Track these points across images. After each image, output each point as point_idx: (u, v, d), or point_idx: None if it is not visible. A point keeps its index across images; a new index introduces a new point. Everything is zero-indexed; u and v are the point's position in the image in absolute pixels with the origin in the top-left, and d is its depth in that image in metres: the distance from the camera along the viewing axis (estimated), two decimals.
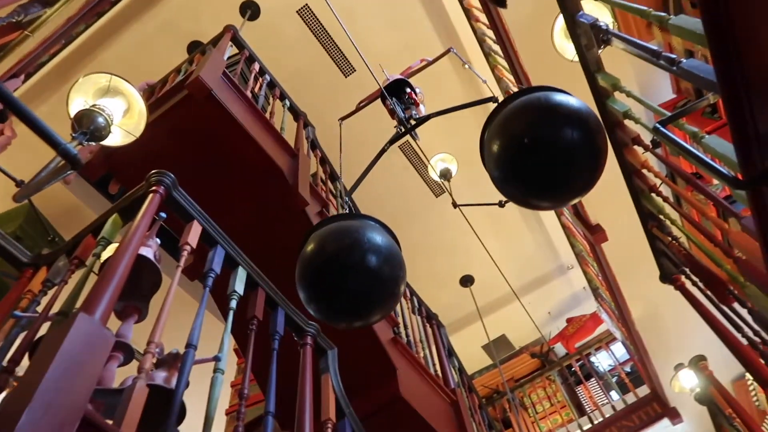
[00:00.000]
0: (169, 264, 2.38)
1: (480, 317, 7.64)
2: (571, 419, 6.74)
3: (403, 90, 3.50)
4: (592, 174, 1.48)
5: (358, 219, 1.62)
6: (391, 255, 1.56)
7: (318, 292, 1.56)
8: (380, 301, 1.58)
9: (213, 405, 1.44)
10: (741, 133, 1.26)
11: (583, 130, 1.40)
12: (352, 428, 2.04)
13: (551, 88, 1.53)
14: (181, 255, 1.73)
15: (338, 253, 1.51)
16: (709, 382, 3.11)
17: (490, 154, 1.52)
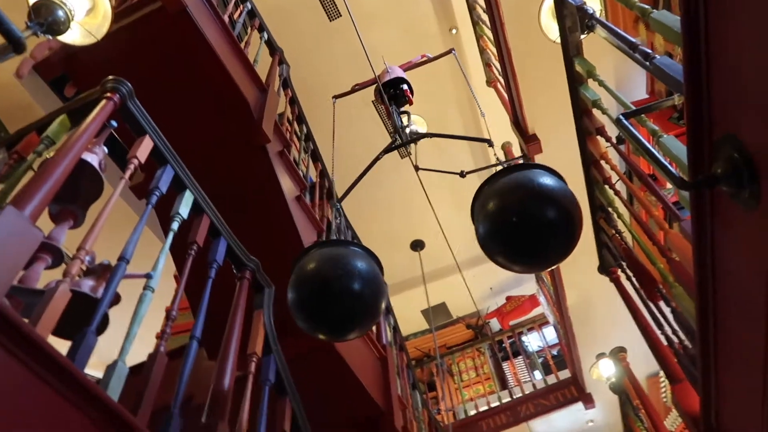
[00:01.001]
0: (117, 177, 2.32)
1: (424, 283, 7.77)
2: (493, 391, 7.01)
3: (401, 87, 3.52)
4: (566, 249, 1.69)
5: (352, 248, 1.87)
6: (376, 284, 1.82)
7: (311, 311, 1.79)
8: (362, 321, 1.82)
9: (137, 320, 1.43)
10: (696, 136, 1.29)
11: (565, 214, 1.62)
12: (277, 365, 2.06)
13: (542, 166, 1.76)
14: (127, 168, 1.68)
15: (333, 281, 1.76)
16: (625, 373, 3.26)
17: (481, 217, 1.72)
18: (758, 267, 1.18)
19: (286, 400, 2.05)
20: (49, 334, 1.13)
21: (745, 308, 1.35)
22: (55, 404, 1.09)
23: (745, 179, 1.11)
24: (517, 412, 6.20)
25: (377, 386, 3.40)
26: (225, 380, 1.63)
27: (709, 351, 1.63)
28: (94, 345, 1.24)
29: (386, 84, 3.52)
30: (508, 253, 1.73)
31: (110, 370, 1.27)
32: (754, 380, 1.38)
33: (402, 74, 3.62)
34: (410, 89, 3.58)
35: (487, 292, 8.65)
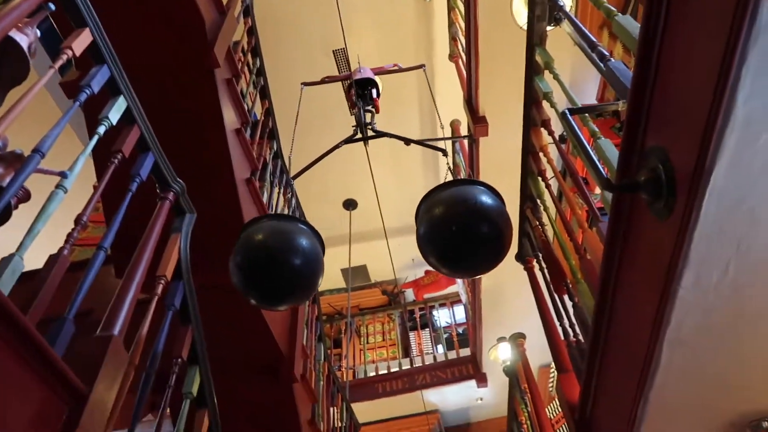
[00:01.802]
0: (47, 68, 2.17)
1: (350, 242, 7.80)
2: (395, 357, 7.21)
3: (369, 89, 3.70)
4: (493, 264, 1.92)
5: (300, 225, 2.02)
6: (316, 263, 1.97)
7: (250, 277, 1.92)
8: (297, 296, 2.02)
9: (43, 218, 1.36)
10: (629, 142, 1.34)
11: (498, 233, 1.84)
12: (185, 293, 2.03)
13: (487, 185, 1.96)
14: (59, 57, 1.57)
15: (277, 254, 1.89)
16: (520, 358, 3.43)
17: (424, 220, 1.91)
18: (655, 276, 1.25)
19: (188, 328, 2.02)
20: None
21: (636, 315, 1.45)
22: None
23: (664, 191, 1.17)
24: (414, 380, 6.42)
25: (284, 332, 3.41)
26: (128, 296, 1.59)
27: (598, 347, 1.73)
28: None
29: (356, 82, 3.72)
30: (441, 257, 1.91)
31: (5, 262, 1.21)
32: (630, 383, 1.48)
33: (372, 76, 3.79)
34: (378, 95, 3.79)
35: (408, 262, 8.81)
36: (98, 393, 1.30)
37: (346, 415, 4.56)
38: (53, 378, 1.21)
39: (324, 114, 7.03)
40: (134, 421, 1.54)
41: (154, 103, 2.27)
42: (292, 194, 4.29)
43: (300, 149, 6.25)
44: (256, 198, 3.45)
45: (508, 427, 3.84)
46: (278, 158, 4.22)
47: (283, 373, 3.28)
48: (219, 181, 3.14)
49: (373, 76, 3.80)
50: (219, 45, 3.18)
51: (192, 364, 2.03)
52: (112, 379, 1.38)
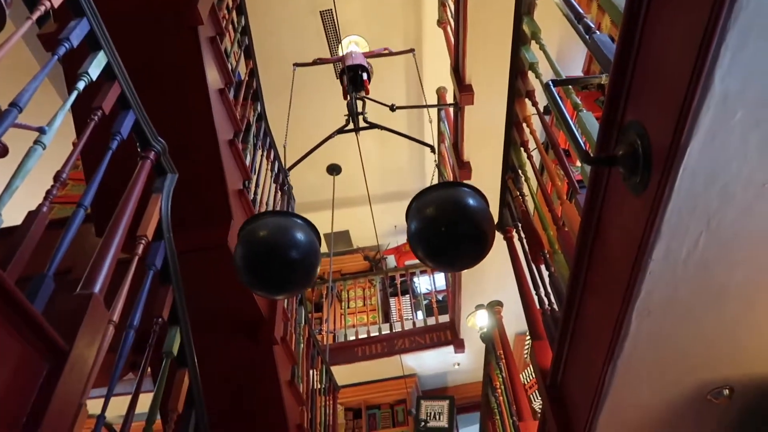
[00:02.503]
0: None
1: (332, 207, 7.81)
2: (375, 322, 7.31)
3: (360, 74, 3.77)
4: (475, 262, 2.11)
5: (298, 220, 2.15)
6: (313, 255, 2.12)
7: (256, 272, 2.08)
8: (296, 287, 2.19)
9: (21, 174, 1.34)
10: (609, 116, 1.35)
11: (482, 235, 2.02)
12: (166, 253, 2.03)
13: (475, 188, 2.10)
14: (36, 8, 1.54)
15: (279, 249, 2.06)
16: (496, 325, 3.50)
17: (416, 218, 2.07)
18: (628, 249, 1.29)
19: (169, 288, 2.03)
20: None
21: (609, 286, 1.48)
22: None
23: (640, 166, 1.19)
24: (393, 344, 6.53)
25: None
26: (108, 255, 1.59)
27: (571, 316, 1.78)
28: None
29: (348, 67, 3.78)
30: (428, 252, 2.08)
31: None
32: (599, 351, 1.53)
33: (363, 62, 3.85)
34: (369, 78, 3.86)
35: (391, 229, 8.85)
36: (78, 350, 1.32)
37: (325, 377, 4.64)
38: (33, 335, 1.21)
39: (312, 81, 6.94)
40: (113, 379, 1.56)
41: (135, 61, 2.23)
42: (276, 157, 4.27)
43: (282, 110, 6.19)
44: (239, 160, 3.43)
45: (483, 391, 3.94)
46: (261, 120, 4.18)
47: (263, 335, 3.32)
48: (201, 142, 3.11)
49: (364, 62, 3.86)
50: (202, 1, 3.11)
51: (172, 324, 2.05)
52: (92, 337, 1.39)
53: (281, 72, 6.58)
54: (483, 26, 3.93)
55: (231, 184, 3.22)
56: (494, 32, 3.85)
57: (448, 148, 5.39)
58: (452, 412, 6.28)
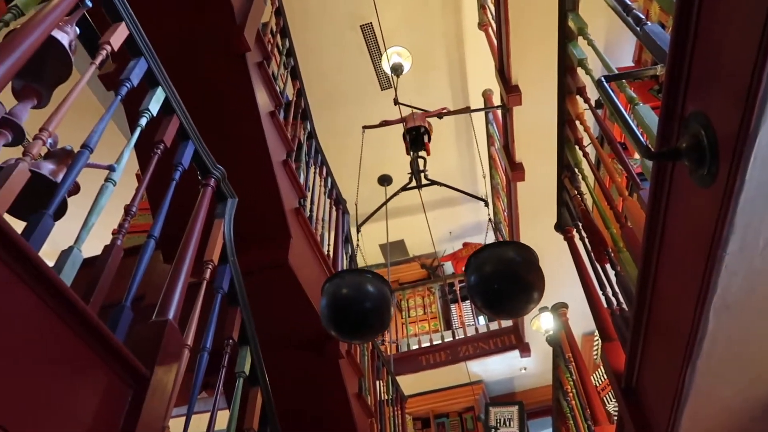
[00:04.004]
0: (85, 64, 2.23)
1: (386, 218, 7.83)
2: (437, 330, 7.27)
3: (421, 135, 4.25)
4: (525, 311, 2.48)
5: (370, 275, 2.57)
6: (385, 305, 2.51)
7: (341, 323, 2.51)
8: (373, 332, 2.59)
9: (96, 210, 1.42)
10: (669, 108, 1.31)
11: (531, 288, 2.36)
12: (232, 275, 2.09)
13: (528, 248, 2.44)
14: (98, 53, 1.62)
15: (354, 300, 2.47)
16: (563, 327, 3.42)
17: (475, 273, 2.42)
18: (699, 243, 1.24)
19: (237, 310, 2.09)
20: (4, 211, 1.12)
21: (681, 283, 1.43)
22: (9, 282, 1.09)
23: (707, 158, 1.15)
24: (457, 352, 6.48)
25: None
26: (179, 282, 1.65)
27: (643, 316, 1.73)
28: (51, 229, 1.23)
29: (409, 129, 4.29)
30: (485, 303, 2.44)
31: (65, 255, 1.27)
32: (676, 352, 1.48)
33: (423, 123, 4.31)
34: (429, 138, 4.32)
35: (446, 235, 8.81)
36: (158, 375, 1.37)
37: (392, 387, 4.64)
38: (116, 363, 1.28)
39: (352, 88, 7.03)
40: (192, 401, 1.62)
41: (188, 92, 2.32)
42: (328, 173, 4.33)
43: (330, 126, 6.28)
44: (293, 179, 3.50)
45: (553, 395, 3.86)
46: (312, 138, 4.26)
47: (328, 350, 3.36)
48: (256, 165, 3.19)
49: (424, 123, 4.30)
50: (248, 28, 3.21)
51: (242, 344, 2.11)
52: (170, 361, 1.45)
53: (325, 89, 6.71)
54: (525, 26, 3.89)
55: (287, 204, 3.28)
56: (537, 31, 3.80)
57: (498, 150, 5.34)
58: (522, 417, 6.18)
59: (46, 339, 1.17)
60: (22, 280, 1.12)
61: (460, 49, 6.73)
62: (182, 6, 3.15)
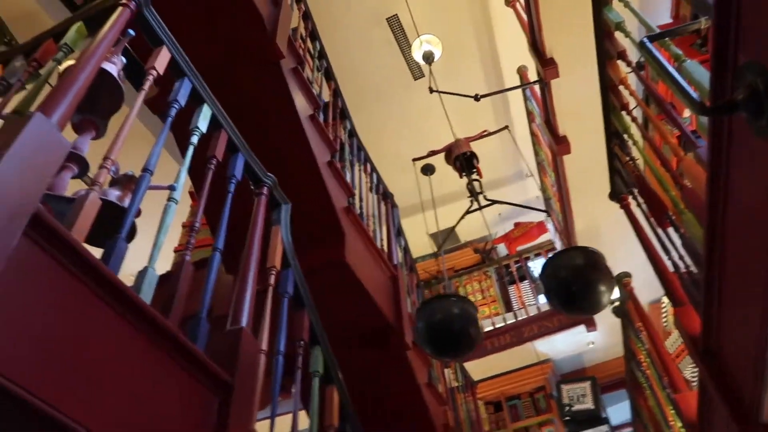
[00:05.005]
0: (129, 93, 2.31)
1: (434, 207, 7.82)
2: (498, 313, 7.22)
3: (471, 160, 4.62)
4: (598, 309, 2.79)
5: (456, 299, 3.09)
6: (472, 320, 3.04)
7: (436, 345, 3.02)
8: (466, 347, 3.02)
9: (163, 230, 1.48)
10: (720, 61, 1.27)
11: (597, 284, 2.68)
12: (295, 279, 2.14)
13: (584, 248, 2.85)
14: (146, 79, 1.68)
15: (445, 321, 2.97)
16: (628, 297, 3.35)
17: (551, 278, 2.81)
18: (767, 196, 1.20)
19: (304, 311, 2.14)
20: (83, 239, 1.18)
21: (751, 236, 1.39)
22: (91, 305, 1.16)
23: (765, 107, 1.11)
24: (521, 332, 6.42)
25: (388, 304, 3.52)
26: (247, 290, 1.70)
27: (714, 275, 1.68)
28: (125, 251, 1.30)
29: (456, 156, 4.65)
30: (562, 305, 2.82)
31: (141, 275, 1.33)
32: (754, 306, 1.43)
33: (469, 149, 4.69)
34: (477, 160, 4.69)
35: (495, 217, 8.72)
36: (240, 381, 1.43)
37: (460, 374, 4.65)
38: (201, 372, 1.33)
39: (385, 82, 7.04)
40: (274, 403, 1.67)
41: (230, 105, 2.38)
42: (373, 169, 4.36)
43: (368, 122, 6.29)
44: (340, 179, 3.54)
45: (626, 367, 3.78)
46: (353, 136, 4.29)
47: (394, 342, 3.40)
48: (303, 169, 3.25)
49: (469, 148, 4.67)
50: (280, 36, 3.26)
51: (313, 344, 2.16)
52: (249, 367, 1.51)
53: (358, 86, 6.73)
54: None
55: (337, 203, 3.33)
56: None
57: (540, 126, 5.25)
58: (596, 392, 6.08)
59: (134, 356, 1.23)
60: (106, 302, 1.18)
61: (489, 30, 6.64)
62: (214, 22, 3.23)
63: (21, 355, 0.97)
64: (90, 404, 1.09)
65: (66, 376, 1.06)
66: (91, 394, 1.10)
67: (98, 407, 1.11)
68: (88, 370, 1.11)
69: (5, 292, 0.95)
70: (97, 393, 1.11)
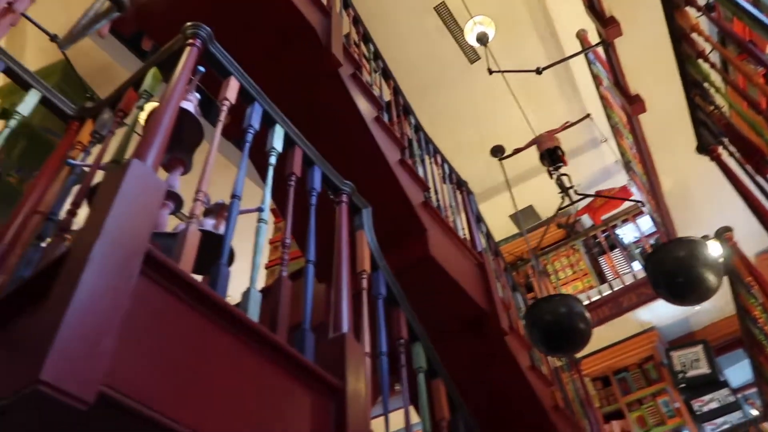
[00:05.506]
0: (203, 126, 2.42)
1: (509, 187, 7.71)
2: (592, 286, 7.00)
3: (556, 153, 4.82)
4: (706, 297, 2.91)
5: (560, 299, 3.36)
6: (579, 315, 3.31)
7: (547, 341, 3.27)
8: (579, 342, 3.33)
9: (258, 251, 1.55)
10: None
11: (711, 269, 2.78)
12: (386, 278, 2.18)
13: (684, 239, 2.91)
14: (220, 110, 1.77)
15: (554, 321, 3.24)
16: (733, 252, 3.17)
17: (659, 272, 2.94)
18: None
19: (399, 310, 2.18)
20: (190, 269, 1.26)
21: None
22: (206, 329, 1.23)
23: None
24: (619, 303, 6.20)
25: (479, 291, 3.51)
26: (343, 297, 1.75)
27: None
28: (228, 276, 1.37)
29: (542, 153, 4.84)
30: (671, 295, 2.97)
31: (245, 296, 1.41)
32: None
33: (553, 142, 4.87)
34: (562, 152, 4.87)
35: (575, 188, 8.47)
36: (351, 384, 1.47)
37: None
38: (314, 380, 1.39)
39: (441, 71, 7.00)
40: (385, 401, 1.71)
41: (297, 119, 2.45)
42: (443, 161, 4.35)
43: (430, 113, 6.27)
44: (413, 175, 3.56)
45: (741, 326, 3.58)
46: (419, 130, 4.30)
47: (490, 328, 3.38)
48: (376, 171, 3.29)
49: (554, 142, 4.84)
50: (335, 45, 3.32)
51: (413, 341, 2.19)
52: (356, 370, 1.55)
53: (415, 79, 6.71)
54: None
55: (414, 199, 3.35)
56: None
57: (609, 88, 5.05)
58: (710, 355, 5.78)
59: (249, 371, 1.30)
60: (219, 325, 1.26)
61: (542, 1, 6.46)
62: (270, 43, 3.33)
63: (154, 380, 1.05)
64: (212, 419, 1.16)
65: (190, 395, 1.13)
66: (212, 409, 1.17)
67: (219, 421, 1.18)
68: (210, 388, 1.18)
69: (135, 327, 1.04)
70: (218, 408, 1.18)
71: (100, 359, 0.93)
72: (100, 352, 0.93)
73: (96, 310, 0.96)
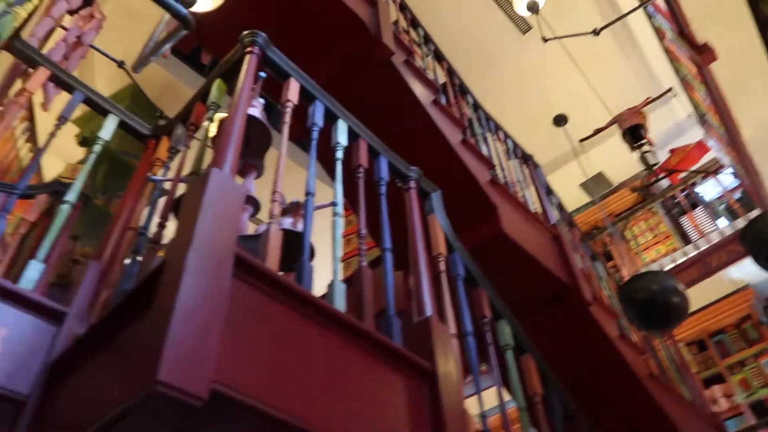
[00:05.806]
0: None
1: (576, 156, 7.50)
2: (675, 248, 6.71)
3: (638, 131, 4.97)
4: None
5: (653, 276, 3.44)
6: (672, 290, 3.35)
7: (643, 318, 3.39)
8: (675, 317, 3.41)
9: (337, 244, 1.59)
10: None
11: None
12: (463, 259, 2.18)
13: None
14: (284, 111, 1.81)
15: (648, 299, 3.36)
16: None
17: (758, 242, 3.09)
18: None
19: (480, 289, 2.17)
20: (277, 268, 1.31)
21: None
22: (298, 322, 1.28)
23: None
24: (708, 263, 5.92)
25: (557, 264, 3.44)
26: (423, 282, 1.77)
27: None
28: (312, 270, 1.42)
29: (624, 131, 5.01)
30: None
31: (331, 288, 1.45)
32: None
33: (635, 120, 5.04)
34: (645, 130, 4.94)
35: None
36: (441, 366, 1.49)
37: None
38: (405, 365, 1.42)
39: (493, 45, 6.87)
40: (477, 381, 1.72)
41: (357, 112, 2.47)
42: (506, 136, 4.29)
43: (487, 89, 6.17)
44: (477, 154, 3.53)
45: None
46: (478, 109, 4.24)
47: (573, 300, 3.32)
48: (440, 154, 3.29)
49: (636, 119, 4.95)
50: (384, 34, 3.33)
51: (497, 318, 2.18)
52: (444, 351, 1.57)
53: (467, 56, 6.60)
54: None
55: (481, 179, 3.32)
56: None
57: (674, 40, 4.80)
58: None
59: (342, 359, 1.34)
60: (310, 317, 1.30)
61: None
62: (322, 40, 3.39)
63: (258, 375, 1.10)
64: (317, 409, 1.21)
65: (292, 388, 1.18)
66: (315, 400, 1.22)
67: (324, 411, 1.22)
68: (309, 379, 1.23)
69: (235, 327, 1.09)
70: (321, 398, 1.23)
71: (208, 358, 0.99)
72: (207, 352, 0.99)
73: (198, 314, 1.02)
